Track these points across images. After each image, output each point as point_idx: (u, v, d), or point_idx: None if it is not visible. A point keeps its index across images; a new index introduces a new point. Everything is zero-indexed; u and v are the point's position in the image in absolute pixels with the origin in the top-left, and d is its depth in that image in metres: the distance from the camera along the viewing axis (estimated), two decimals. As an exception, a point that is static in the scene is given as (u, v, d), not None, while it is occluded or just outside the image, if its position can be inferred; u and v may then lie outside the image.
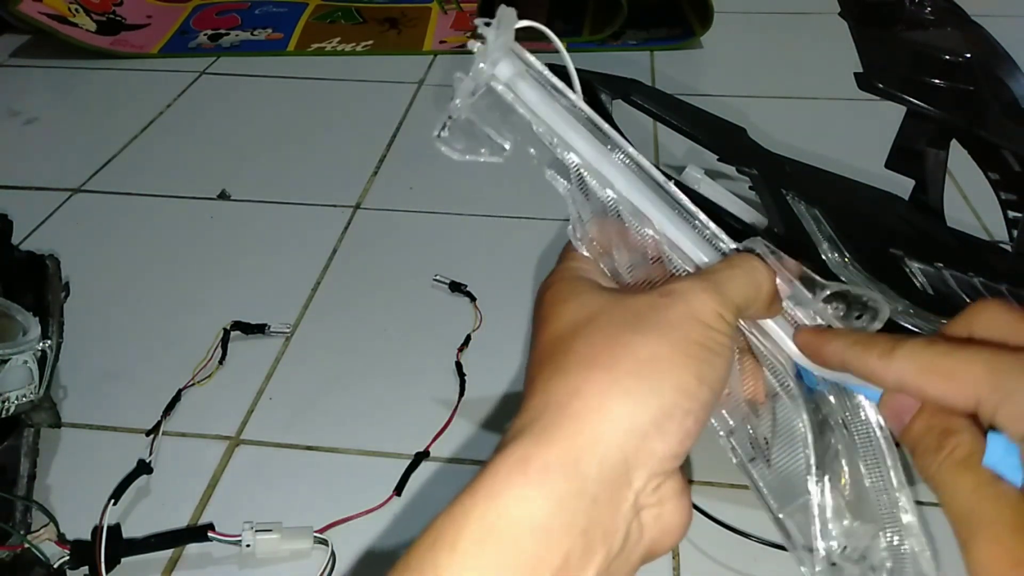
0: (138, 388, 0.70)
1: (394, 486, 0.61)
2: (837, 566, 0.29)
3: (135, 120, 1.12)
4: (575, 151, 0.29)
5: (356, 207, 0.94)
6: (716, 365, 0.27)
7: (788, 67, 1.28)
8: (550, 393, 0.26)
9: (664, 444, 0.26)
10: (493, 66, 0.28)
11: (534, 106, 0.28)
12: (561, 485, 0.24)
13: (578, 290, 0.29)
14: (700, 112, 0.65)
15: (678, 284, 0.28)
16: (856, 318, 0.29)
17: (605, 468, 0.25)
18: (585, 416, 0.25)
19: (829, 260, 0.59)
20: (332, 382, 0.71)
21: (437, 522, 0.25)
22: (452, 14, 1.46)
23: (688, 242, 0.30)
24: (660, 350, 0.26)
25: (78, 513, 0.58)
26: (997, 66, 0.58)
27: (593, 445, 0.25)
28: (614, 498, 0.25)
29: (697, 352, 0.26)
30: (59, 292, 0.74)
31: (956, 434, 0.27)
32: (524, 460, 0.25)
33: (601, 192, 0.29)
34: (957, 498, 0.26)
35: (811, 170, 0.67)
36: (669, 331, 0.27)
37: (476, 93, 0.28)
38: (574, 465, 0.25)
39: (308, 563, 0.56)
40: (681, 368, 0.26)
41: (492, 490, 0.25)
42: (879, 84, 0.58)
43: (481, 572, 0.23)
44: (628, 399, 0.25)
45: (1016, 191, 0.63)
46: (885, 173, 0.70)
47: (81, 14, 1.34)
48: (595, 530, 0.25)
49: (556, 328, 0.28)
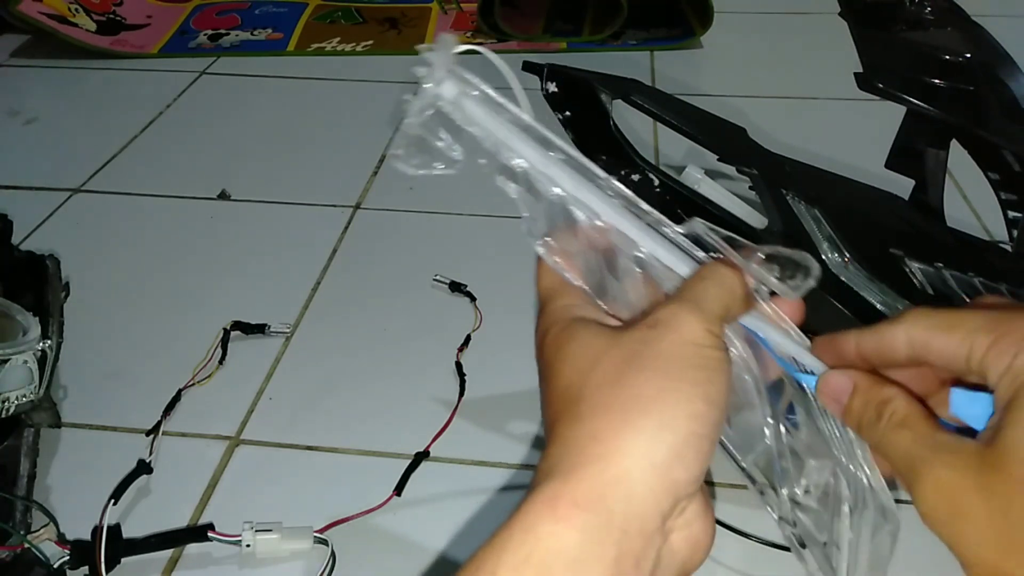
0: (138, 388, 0.70)
1: (394, 486, 0.61)
2: (801, 505, 0.30)
3: (135, 120, 1.12)
4: (521, 156, 0.31)
5: (356, 207, 0.94)
6: (719, 381, 0.28)
7: (788, 67, 1.28)
8: (570, 440, 0.28)
9: (685, 471, 0.27)
10: (438, 86, 0.30)
11: (480, 120, 0.31)
12: (590, 519, 0.26)
13: (575, 335, 0.30)
14: (700, 112, 0.65)
15: (662, 312, 0.29)
16: (790, 277, 0.31)
17: (632, 502, 0.26)
18: (607, 457, 0.27)
19: (829, 260, 0.59)
20: (332, 382, 0.71)
21: (478, 553, 0.27)
22: (452, 14, 1.46)
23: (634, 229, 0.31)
24: (665, 383, 0.28)
25: (78, 513, 0.58)
26: (997, 66, 0.58)
27: (617, 482, 0.26)
28: (643, 528, 0.26)
29: (698, 376, 0.28)
30: (59, 292, 0.74)
31: (891, 402, 0.30)
32: (554, 498, 0.26)
33: (548, 190, 0.31)
34: (900, 453, 0.29)
35: (811, 170, 0.67)
36: (666, 363, 0.28)
37: (426, 112, 0.31)
38: (601, 501, 0.26)
39: (308, 563, 0.56)
40: (688, 396, 0.27)
41: (526, 524, 0.26)
42: (879, 84, 0.58)
43: None
44: (644, 437, 0.27)
45: (1016, 191, 0.63)
46: (885, 173, 0.70)
47: (81, 14, 1.34)
48: (626, 559, 0.26)
49: (564, 378, 0.30)
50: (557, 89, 0.64)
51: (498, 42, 1.35)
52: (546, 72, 0.64)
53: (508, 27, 1.35)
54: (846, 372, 0.31)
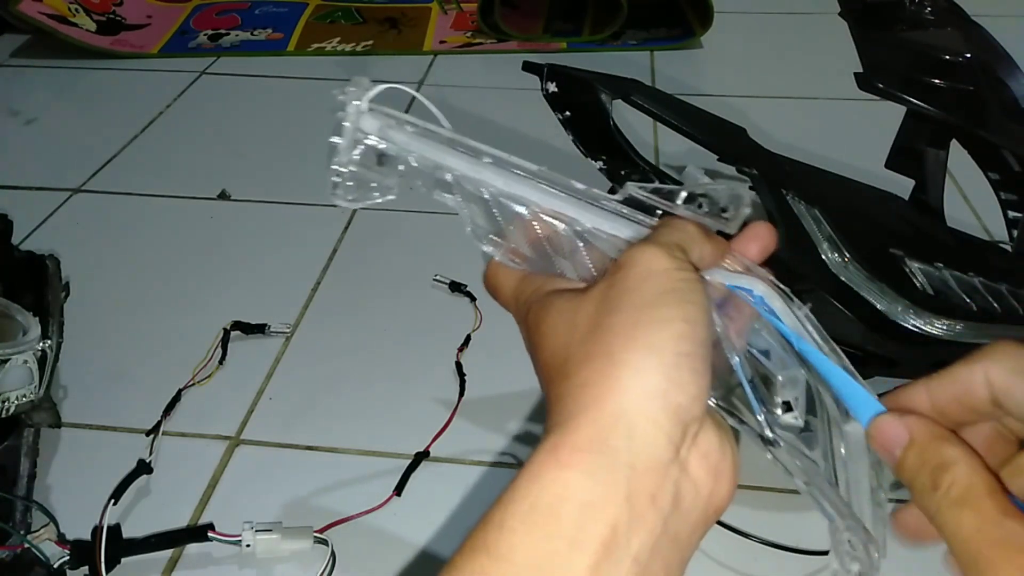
0: (138, 388, 0.70)
1: (394, 486, 0.61)
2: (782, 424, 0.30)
3: (135, 120, 1.12)
4: (452, 168, 0.33)
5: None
6: (694, 300, 0.27)
7: (788, 67, 1.28)
8: (564, 395, 0.27)
9: (683, 394, 0.26)
10: (359, 122, 0.32)
11: (405, 145, 0.33)
12: (594, 460, 0.25)
13: (551, 306, 0.30)
14: (700, 112, 0.65)
15: (622, 258, 0.29)
16: (722, 211, 0.31)
17: (635, 437, 0.25)
18: (601, 399, 0.26)
19: (829, 260, 0.59)
20: (332, 382, 0.71)
21: (487, 512, 0.26)
22: (452, 14, 1.46)
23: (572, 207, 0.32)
24: (639, 315, 0.27)
25: (78, 513, 0.58)
26: (997, 66, 0.58)
27: (616, 420, 0.25)
28: (653, 461, 0.25)
29: (671, 299, 0.27)
30: (59, 292, 0.74)
31: (951, 468, 0.26)
32: (555, 448, 0.25)
33: (483, 192, 0.33)
34: (960, 539, 0.25)
35: (811, 170, 0.67)
36: (637, 296, 0.27)
37: (353, 150, 0.32)
38: (602, 442, 0.25)
39: (308, 563, 0.56)
40: (666, 319, 0.27)
41: (530, 475, 0.25)
42: (879, 84, 0.58)
43: (527, 546, 0.24)
44: (631, 369, 0.26)
45: (1016, 191, 0.63)
46: (885, 173, 0.70)
47: (81, 14, 1.34)
48: (640, 496, 0.25)
49: (549, 345, 0.29)
50: (557, 89, 0.64)
51: (498, 42, 1.35)
52: (546, 72, 0.64)
53: (508, 27, 1.35)
54: (902, 420, 0.28)
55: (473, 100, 1.20)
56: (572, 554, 0.24)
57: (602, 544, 0.24)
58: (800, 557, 0.57)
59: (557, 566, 0.24)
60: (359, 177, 0.32)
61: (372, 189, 0.33)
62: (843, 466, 0.30)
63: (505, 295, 0.34)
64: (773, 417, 0.30)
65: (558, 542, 0.24)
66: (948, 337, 0.57)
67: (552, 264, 0.33)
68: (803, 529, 0.59)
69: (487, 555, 0.24)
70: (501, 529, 0.24)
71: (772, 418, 0.30)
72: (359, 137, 0.32)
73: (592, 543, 0.24)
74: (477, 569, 0.24)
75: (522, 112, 1.09)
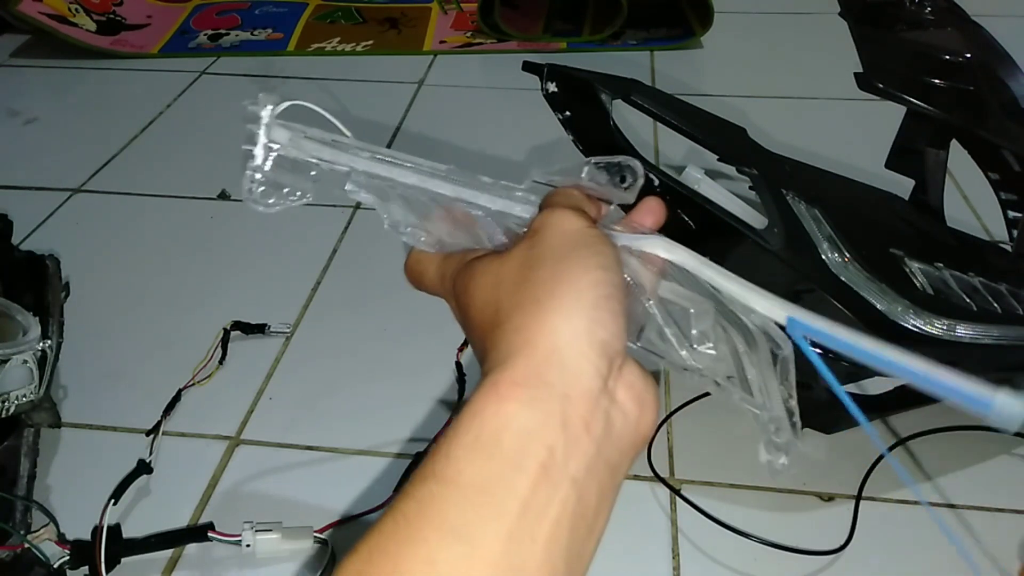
0: (138, 388, 0.70)
1: (394, 486, 0.61)
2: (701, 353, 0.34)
3: (135, 120, 1.12)
4: (361, 168, 0.36)
5: (356, 207, 0.94)
6: (605, 252, 0.31)
7: (788, 67, 1.28)
8: (498, 342, 0.30)
9: (605, 330, 0.29)
10: (271, 133, 0.35)
11: (315, 151, 0.36)
12: (531, 392, 0.28)
13: (475, 270, 0.34)
14: (700, 112, 0.65)
15: (534, 223, 0.33)
16: (620, 180, 0.35)
17: (567, 370, 0.28)
18: (534, 341, 0.29)
19: (829, 260, 0.59)
20: (332, 382, 0.71)
21: (433, 446, 0.28)
22: (452, 14, 1.46)
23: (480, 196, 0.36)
24: (561, 266, 0.31)
25: (78, 513, 0.58)
26: (997, 66, 0.58)
27: (548, 356, 0.28)
28: (584, 390, 0.28)
29: (586, 251, 0.31)
30: (59, 292, 0.74)
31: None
32: (495, 384, 0.28)
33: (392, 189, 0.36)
34: None
35: (811, 170, 0.67)
36: (557, 251, 0.31)
37: (266, 158, 0.35)
38: (538, 376, 0.28)
39: (308, 563, 0.56)
40: (584, 267, 0.30)
41: (473, 410, 0.28)
42: (879, 84, 0.58)
43: (473, 470, 0.26)
44: (559, 313, 0.29)
45: (1016, 191, 0.63)
46: (885, 173, 0.70)
47: (81, 14, 1.34)
48: (574, 422, 0.27)
49: (478, 305, 0.33)
50: (557, 89, 0.64)
51: (498, 42, 1.35)
52: (546, 72, 0.64)
53: (508, 27, 1.35)
54: None
55: (473, 100, 1.20)
56: (514, 475, 0.26)
57: (541, 466, 0.26)
58: (800, 557, 0.57)
59: (500, 486, 0.26)
60: (273, 181, 0.35)
61: (287, 193, 0.36)
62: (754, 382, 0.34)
63: (430, 277, 0.38)
64: (692, 350, 0.34)
65: (500, 464, 0.26)
66: (948, 337, 0.57)
67: (468, 243, 0.37)
68: (803, 529, 0.59)
69: (435, 481, 0.26)
70: (448, 458, 0.27)
71: (691, 351, 0.34)
72: (271, 147, 0.35)
73: (532, 465, 0.26)
74: (426, 493, 0.26)
75: (522, 112, 1.09)
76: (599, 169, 0.35)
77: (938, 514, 0.28)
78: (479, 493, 0.26)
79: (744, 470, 0.62)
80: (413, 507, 0.26)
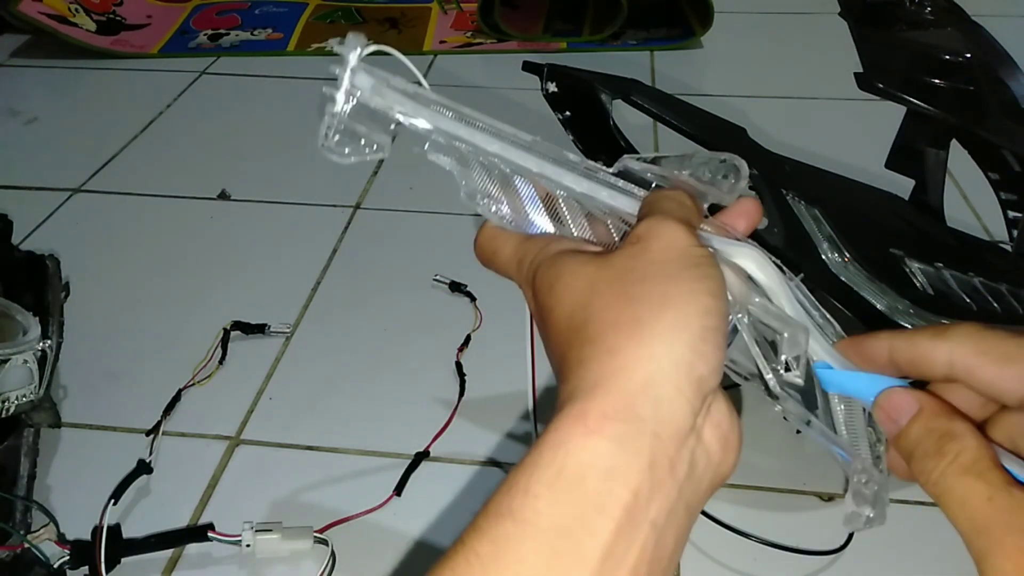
0: (138, 388, 0.70)
1: (394, 486, 0.61)
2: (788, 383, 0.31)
3: (135, 120, 1.12)
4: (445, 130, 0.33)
5: (356, 207, 0.94)
6: (715, 276, 0.28)
7: (788, 67, 1.28)
8: (587, 361, 0.27)
9: (706, 366, 0.27)
10: (355, 78, 0.32)
11: (398, 103, 0.33)
12: (621, 428, 0.25)
13: (564, 267, 0.30)
14: (700, 112, 0.65)
15: (640, 229, 0.30)
16: (723, 177, 0.32)
17: (661, 406, 0.26)
18: (629, 367, 0.26)
19: (829, 260, 0.59)
20: (332, 382, 0.71)
21: (510, 475, 0.26)
22: (452, 14, 1.46)
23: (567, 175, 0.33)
24: (667, 288, 0.28)
25: (78, 513, 0.58)
26: (997, 66, 0.58)
27: (644, 388, 0.26)
28: (676, 430, 0.26)
29: (695, 273, 0.28)
30: (59, 292, 0.74)
31: (959, 438, 0.27)
32: (583, 413, 0.26)
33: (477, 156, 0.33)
34: (968, 508, 0.25)
35: (811, 170, 0.67)
36: (662, 269, 0.28)
37: (347, 104, 0.33)
38: (630, 409, 0.26)
39: (308, 563, 0.56)
40: (693, 293, 0.27)
41: (556, 441, 0.26)
42: (879, 84, 0.58)
43: (553, 511, 0.25)
44: (662, 340, 0.27)
45: (1016, 191, 0.63)
46: (885, 173, 0.70)
47: (81, 14, 1.34)
48: (660, 464, 0.26)
49: (565, 309, 0.29)
50: (557, 89, 0.64)
51: (498, 42, 1.35)
52: (546, 72, 0.64)
53: (508, 27, 1.35)
54: (914, 393, 0.29)
55: (473, 100, 1.19)
56: (596, 518, 0.24)
57: (624, 509, 0.25)
58: (800, 557, 0.57)
59: (582, 530, 0.24)
60: (349, 130, 0.33)
61: (362, 145, 0.33)
62: (841, 424, 0.31)
63: (505, 257, 0.34)
64: (778, 375, 0.30)
65: (583, 506, 0.25)
66: (948, 337, 0.57)
67: (548, 227, 0.34)
68: (803, 529, 0.59)
69: (512, 520, 0.25)
70: (526, 495, 0.25)
71: (777, 376, 0.31)
72: (352, 91, 0.32)
73: (615, 508, 0.25)
74: (502, 534, 0.25)
75: (522, 112, 1.09)
76: (702, 164, 0.32)
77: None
78: (560, 537, 0.24)
79: (744, 470, 0.62)
80: (487, 547, 0.25)
